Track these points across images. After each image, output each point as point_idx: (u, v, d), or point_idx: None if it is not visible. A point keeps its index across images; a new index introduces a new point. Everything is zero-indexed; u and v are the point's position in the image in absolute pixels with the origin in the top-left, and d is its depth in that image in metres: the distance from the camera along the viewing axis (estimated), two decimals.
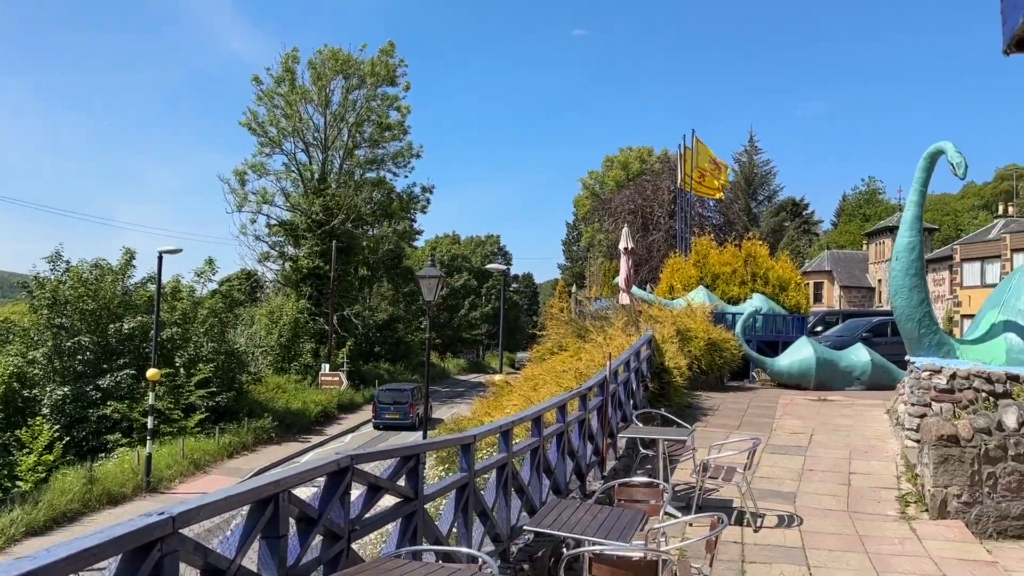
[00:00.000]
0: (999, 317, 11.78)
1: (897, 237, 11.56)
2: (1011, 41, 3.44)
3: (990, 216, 62.47)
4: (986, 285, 39.50)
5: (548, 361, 14.90)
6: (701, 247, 23.12)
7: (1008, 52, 3.65)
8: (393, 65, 50.06)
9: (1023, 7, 3.06)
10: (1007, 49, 3.60)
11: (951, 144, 10.80)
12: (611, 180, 75.66)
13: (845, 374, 18.01)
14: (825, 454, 10.80)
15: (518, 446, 6.51)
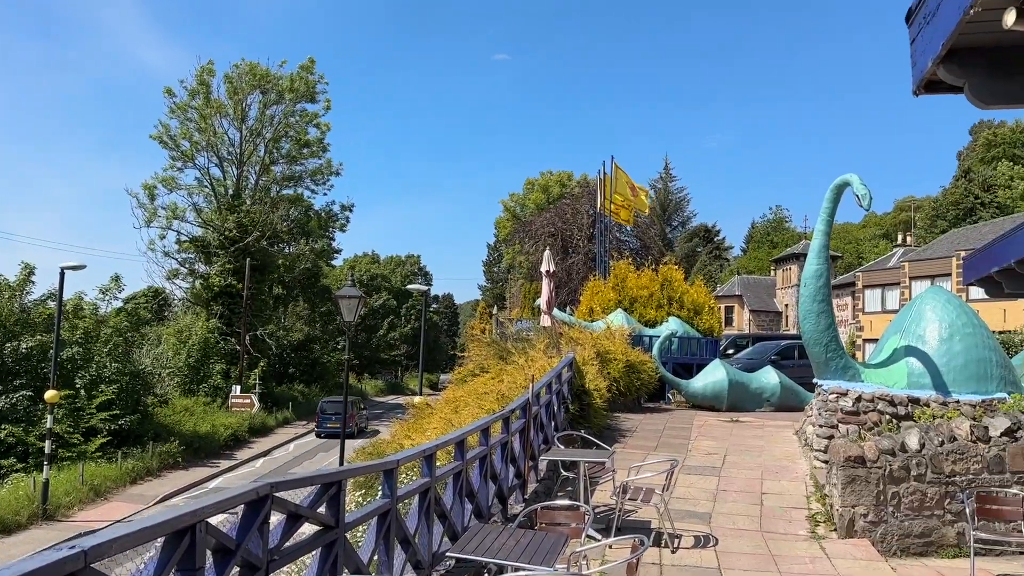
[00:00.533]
0: (901, 342, 12.39)
1: (805, 265, 12.05)
2: (920, 83, 3.68)
3: (890, 245, 65.89)
4: (886, 311, 41.54)
5: (470, 383, 14.85)
6: (620, 271, 23.55)
7: (917, 93, 3.89)
8: (313, 82, 49.44)
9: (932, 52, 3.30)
10: (916, 90, 3.86)
11: (856, 176, 11.35)
12: (532, 203, 76.45)
13: (756, 396, 18.57)
14: (738, 474, 11.09)
15: (441, 470, 6.44)
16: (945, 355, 11.96)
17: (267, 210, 47.46)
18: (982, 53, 3.31)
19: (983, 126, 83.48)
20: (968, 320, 12.36)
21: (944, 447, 8.81)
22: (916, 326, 12.46)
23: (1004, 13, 2.69)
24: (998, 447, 8.85)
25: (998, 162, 73.59)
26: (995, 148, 76.07)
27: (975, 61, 3.39)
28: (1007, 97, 3.42)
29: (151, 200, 46.65)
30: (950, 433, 8.93)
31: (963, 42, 3.18)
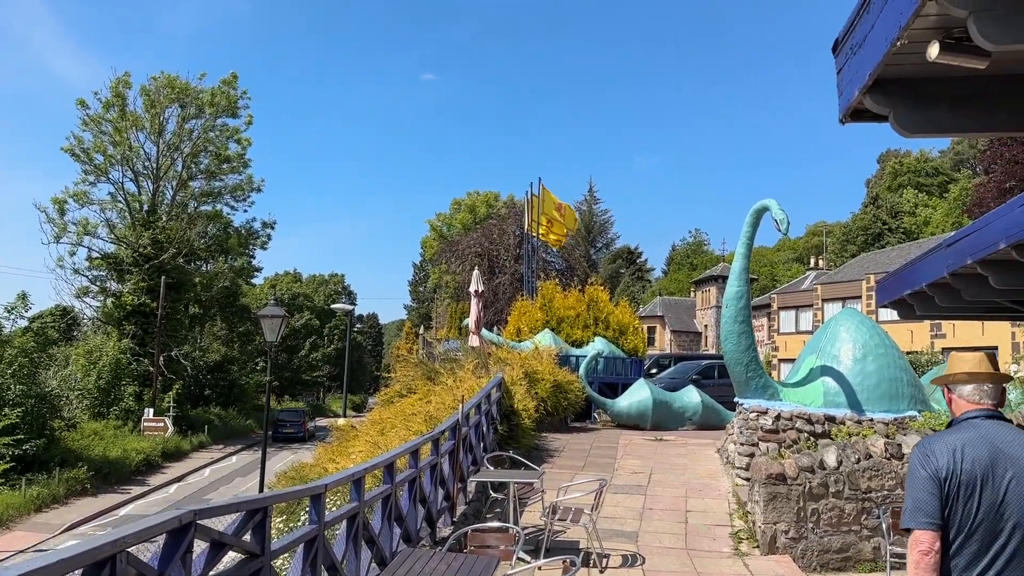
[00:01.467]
0: (817, 362, 12.83)
1: (727, 286, 12.39)
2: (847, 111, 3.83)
3: (803, 268, 68.45)
4: (800, 331, 43.11)
5: (397, 404, 14.64)
6: (547, 291, 23.72)
7: (844, 121, 4.05)
8: (235, 96, 48.38)
9: (859, 81, 3.45)
10: (843, 118, 4.01)
11: (775, 202, 11.76)
12: (458, 223, 76.47)
13: (678, 414, 18.91)
14: (664, 493, 11.23)
15: (370, 494, 6.29)
16: (859, 375, 12.45)
17: (184, 226, 45.98)
18: (907, 84, 3.46)
19: (890, 155, 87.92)
20: (880, 341, 12.92)
21: (860, 464, 9.12)
22: (831, 347, 12.94)
23: (928, 46, 2.84)
24: None
25: (904, 190, 77.54)
26: (901, 176, 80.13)
27: (900, 91, 3.54)
28: (929, 126, 3.59)
29: (61, 215, 44.64)
30: (866, 451, 9.26)
31: (889, 73, 3.33)
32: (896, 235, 68.04)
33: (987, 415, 3.17)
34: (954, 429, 3.22)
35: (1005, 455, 3.03)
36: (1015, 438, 3.09)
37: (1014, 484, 2.99)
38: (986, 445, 3.05)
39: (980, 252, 6.36)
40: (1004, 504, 2.99)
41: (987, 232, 6.30)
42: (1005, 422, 3.19)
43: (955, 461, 3.04)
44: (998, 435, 3.09)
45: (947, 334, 34.69)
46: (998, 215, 6.16)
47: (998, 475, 3.01)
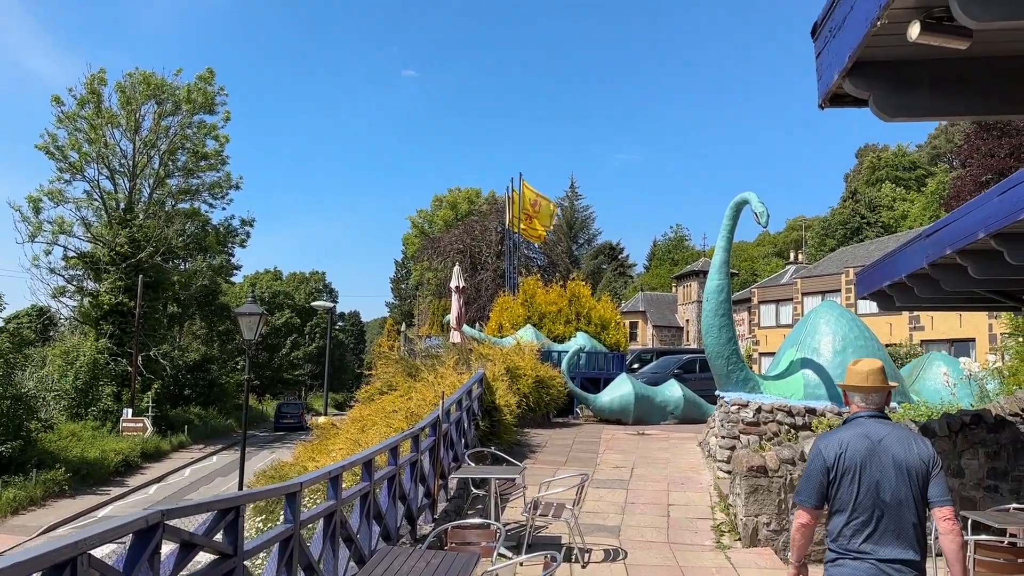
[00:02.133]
0: (797, 355, 12.86)
1: (707, 280, 12.38)
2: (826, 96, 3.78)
3: (783, 262, 68.92)
4: (780, 325, 43.33)
5: (377, 401, 14.50)
6: (529, 287, 23.65)
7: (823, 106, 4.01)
8: (212, 92, 47.89)
9: (838, 64, 3.39)
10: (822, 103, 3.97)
11: (754, 195, 11.75)
12: (440, 220, 76.38)
13: (660, 409, 18.93)
14: (646, 487, 11.20)
15: (348, 492, 6.19)
16: (839, 367, 12.46)
17: (161, 225, 45.46)
18: (887, 66, 3.41)
19: (868, 150, 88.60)
20: (860, 333, 12.96)
21: None
22: (811, 339, 12.97)
23: (909, 26, 2.79)
24: None
25: (882, 184, 78.17)
26: (879, 171, 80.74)
27: (880, 74, 3.48)
28: (909, 110, 3.54)
29: (36, 214, 44.04)
30: None
31: (868, 55, 3.27)
32: (875, 229, 68.60)
33: (870, 415, 3.99)
34: (846, 426, 4.05)
35: (881, 447, 3.82)
36: (890, 432, 3.88)
37: (886, 469, 3.77)
38: (866, 439, 3.85)
39: (959, 242, 6.36)
40: (880, 485, 3.76)
41: (966, 222, 6.29)
42: (884, 420, 3.98)
43: (841, 452, 3.84)
44: (877, 431, 3.89)
45: (926, 327, 35.01)
46: (976, 204, 6.15)
47: (875, 462, 3.80)
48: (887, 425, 3.95)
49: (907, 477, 3.77)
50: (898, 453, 3.79)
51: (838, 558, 3.83)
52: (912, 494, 3.77)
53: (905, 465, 3.77)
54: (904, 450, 3.81)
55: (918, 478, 3.78)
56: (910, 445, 3.84)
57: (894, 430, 3.91)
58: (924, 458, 3.82)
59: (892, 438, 3.85)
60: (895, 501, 3.75)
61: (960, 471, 9.41)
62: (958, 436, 9.48)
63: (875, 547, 3.74)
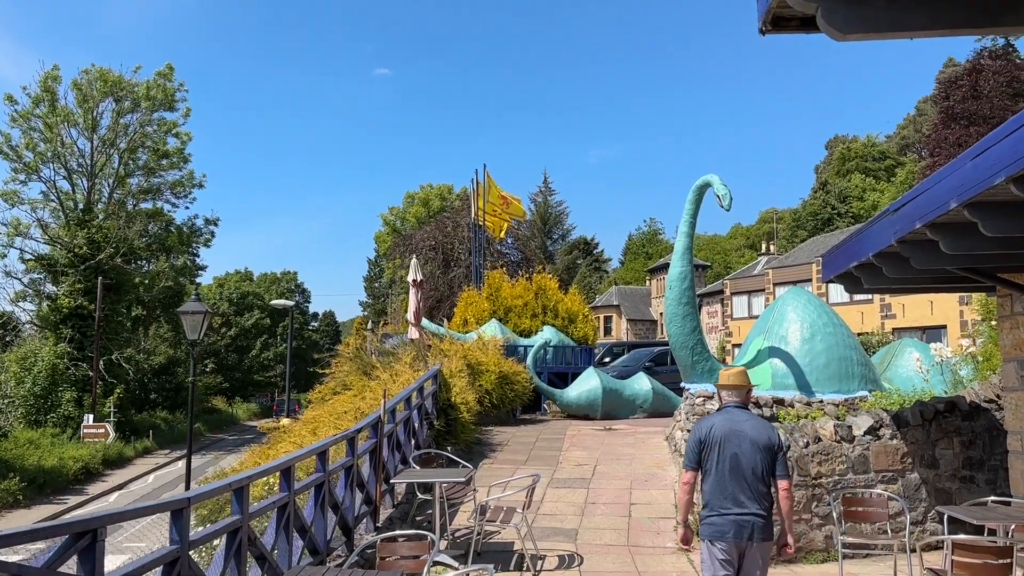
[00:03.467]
0: (764, 343, 12.35)
1: (670, 267, 11.83)
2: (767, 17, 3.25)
3: (755, 254, 68.92)
4: (752, 316, 43.13)
5: (330, 402, 13.83)
6: (494, 280, 22.99)
7: (764, 30, 3.47)
8: (172, 89, 46.68)
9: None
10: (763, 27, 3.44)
11: (717, 177, 11.21)
12: (412, 217, 75.65)
13: (629, 403, 18.40)
14: (608, 485, 10.63)
15: (262, 504, 5.53)
16: (807, 355, 11.99)
17: (122, 225, 44.21)
18: None
19: (837, 141, 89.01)
20: (829, 320, 12.48)
21: (809, 448, 8.61)
22: (779, 327, 12.46)
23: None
24: (862, 446, 8.73)
25: (852, 175, 78.55)
26: (849, 162, 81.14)
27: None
28: (864, 24, 2.97)
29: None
30: (815, 434, 8.75)
31: None
32: (845, 219, 68.85)
33: (736, 406, 5.28)
34: (718, 412, 5.36)
35: (741, 429, 5.09)
36: (747, 419, 5.17)
37: (743, 445, 5.02)
38: (730, 422, 5.14)
39: (929, 214, 5.82)
40: (737, 457, 5.01)
41: (936, 191, 5.75)
42: (745, 410, 5.29)
43: (711, 430, 5.15)
44: (739, 417, 5.19)
45: (897, 314, 34.87)
46: (947, 172, 5.61)
47: (734, 440, 5.05)
48: (747, 414, 5.27)
49: (759, 453, 5.01)
50: (753, 435, 5.07)
51: (708, 516, 5.11)
52: (762, 466, 5.01)
53: (759, 444, 5.04)
54: (758, 434, 5.09)
55: (767, 456, 5.03)
56: (763, 431, 5.14)
57: (752, 419, 5.22)
58: (773, 442, 5.11)
59: (749, 424, 5.14)
60: (748, 470, 5.00)
61: (934, 462, 8.94)
62: (932, 425, 9.01)
63: (732, 505, 4.98)
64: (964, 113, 49.84)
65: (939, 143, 50.97)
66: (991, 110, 49.06)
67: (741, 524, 4.92)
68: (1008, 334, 7.38)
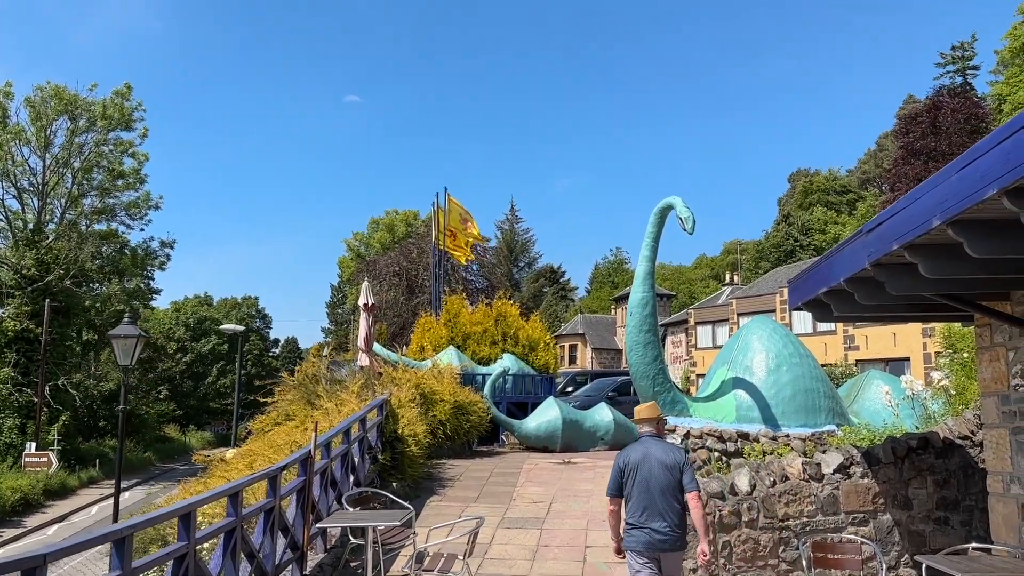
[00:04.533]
0: (728, 374, 11.83)
1: (631, 293, 11.28)
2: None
3: (719, 285, 69.11)
4: (716, 346, 42.86)
5: (269, 433, 12.96)
6: (452, 306, 22.26)
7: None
8: (129, 108, 45.55)
9: None
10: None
11: (679, 199, 10.73)
12: (377, 242, 74.93)
13: (590, 434, 17.74)
14: (563, 525, 9.92)
15: (149, 558, 4.75)
16: (773, 386, 11.49)
17: (73, 246, 42.74)
18: None
19: (800, 174, 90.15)
20: (795, 350, 12.01)
21: (776, 488, 8.02)
22: (743, 357, 11.96)
23: None
24: (831, 485, 8.17)
25: (814, 208, 79.52)
26: (811, 195, 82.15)
27: None
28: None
29: None
30: (782, 472, 8.17)
31: None
32: (807, 252, 69.51)
33: (649, 436, 6.10)
34: (636, 442, 6.16)
35: (651, 454, 5.87)
36: (657, 446, 5.96)
37: (654, 468, 5.78)
38: (643, 450, 5.93)
39: (908, 233, 5.28)
40: (649, 480, 5.77)
41: (916, 208, 5.22)
42: (657, 439, 6.12)
43: (628, 458, 5.97)
44: (650, 445, 5.98)
45: (860, 346, 34.78)
46: (929, 187, 5.08)
47: (645, 465, 5.82)
48: (657, 441, 6.08)
49: (666, 473, 5.75)
50: (660, 458, 5.83)
51: (630, 529, 5.83)
52: (671, 484, 5.74)
53: (665, 465, 5.79)
54: (665, 456, 5.86)
55: (674, 474, 5.75)
56: (670, 453, 5.91)
57: (660, 444, 6.03)
58: (678, 460, 5.86)
59: (658, 448, 5.93)
60: (657, 489, 5.74)
61: (907, 502, 8.39)
62: (904, 463, 8.48)
63: (649, 520, 5.70)
64: (924, 149, 50.65)
65: (899, 178, 51.70)
66: (949, 147, 49.93)
67: (652, 537, 5.73)
68: (987, 367, 6.89)
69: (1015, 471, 6.52)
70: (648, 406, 6.32)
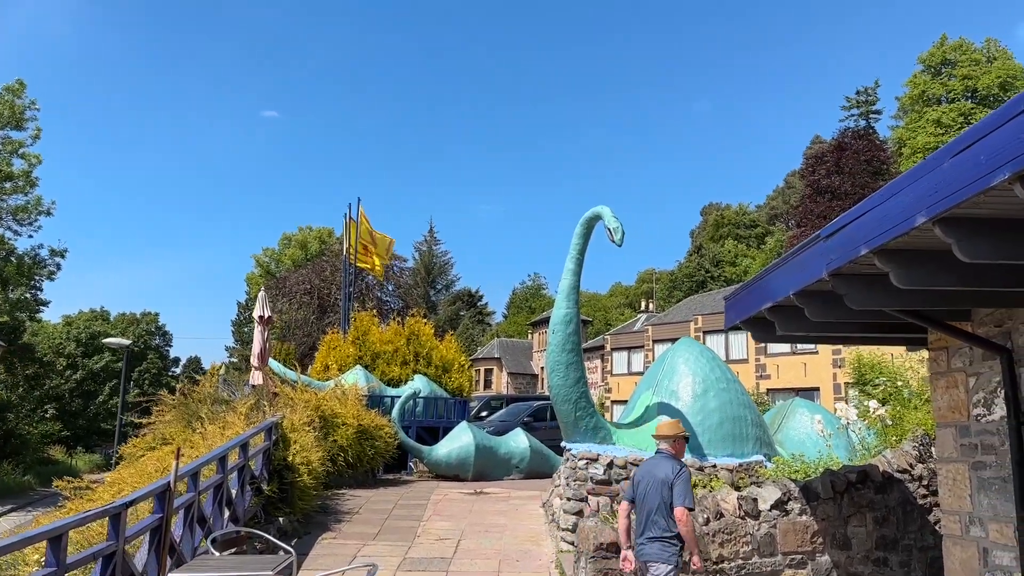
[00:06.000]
0: (653, 399, 11.04)
1: (554, 309, 10.38)
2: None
3: (634, 312, 69.55)
4: (632, 372, 42.64)
5: (142, 459, 11.45)
6: (361, 323, 20.95)
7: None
8: (21, 106, 42.45)
9: None
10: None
11: (608, 209, 9.93)
12: (288, 259, 72.52)
13: (504, 462, 16.74)
14: (472, 567, 8.84)
15: None
16: (700, 412, 10.75)
17: None
18: None
19: (712, 208, 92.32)
20: (722, 374, 11.33)
21: (710, 526, 7.18)
22: (669, 380, 11.20)
23: None
24: (768, 523, 7.39)
25: (725, 240, 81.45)
26: (722, 227, 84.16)
27: None
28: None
29: None
30: (716, 508, 7.34)
31: None
32: (718, 283, 70.89)
33: (660, 453, 6.44)
34: (651, 458, 6.65)
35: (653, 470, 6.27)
36: (660, 461, 6.31)
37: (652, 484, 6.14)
38: (649, 466, 6.41)
39: (883, 235, 4.49)
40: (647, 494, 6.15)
41: (893, 206, 4.43)
42: (665, 455, 6.37)
43: (636, 473, 6.51)
44: (656, 461, 6.37)
45: (771, 375, 35.01)
46: (911, 179, 4.31)
47: (646, 479, 6.25)
48: (663, 457, 6.33)
49: (659, 489, 6.03)
50: (657, 474, 6.14)
51: (637, 539, 6.14)
52: (661, 501, 6.02)
53: (658, 480, 6.08)
54: (661, 471, 6.13)
55: (666, 488, 6.02)
56: (664, 468, 6.15)
57: (663, 460, 6.28)
58: (668, 476, 6.06)
59: (659, 465, 6.24)
60: (651, 504, 6.06)
61: (847, 542, 7.70)
62: (843, 498, 7.80)
63: (642, 532, 6.08)
64: (829, 187, 52.32)
65: (805, 215, 53.20)
66: (852, 186, 51.76)
67: (640, 549, 6.06)
68: (943, 394, 6.24)
69: (975, 511, 5.86)
70: (671, 423, 6.59)
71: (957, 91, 59.61)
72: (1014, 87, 58.61)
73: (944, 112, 58.55)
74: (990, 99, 58.98)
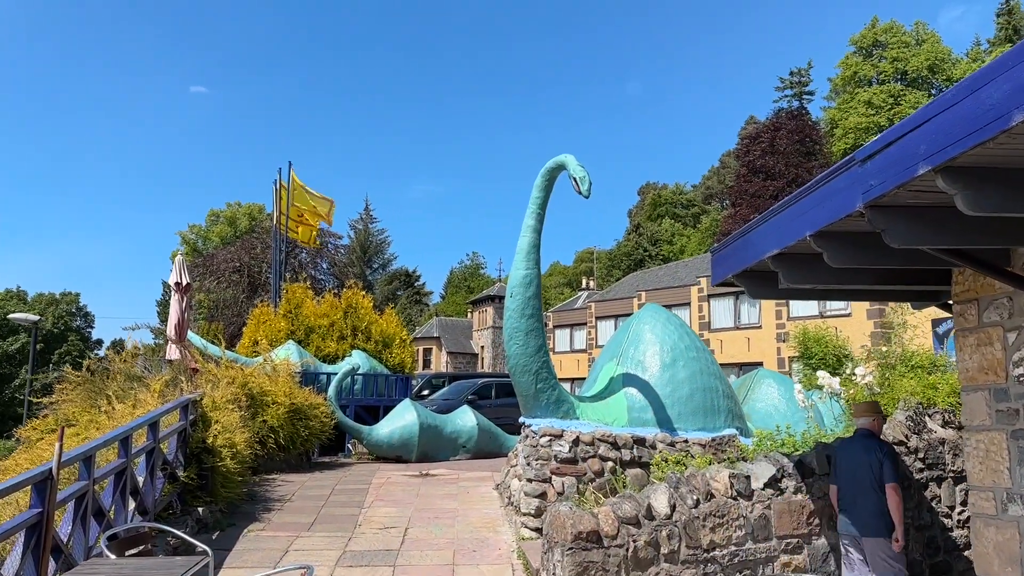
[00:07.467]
0: (618, 370, 10.14)
1: (512, 270, 9.33)
2: None
3: (573, 291, 69.15)
4: (575, 350, 42.06)
5: (39, 443, 10.02)
6: (294, 295, 19.54)
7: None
8: None
9: None
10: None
11: (572, 157, 8.91)
12: (216, 236, 69.83)
13: (451, 441, 15.69)
14: (422, 559, 7.78)
15: None
16: (668, 384, 9.89)
17: None
18: None
19: (649, 188, 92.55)
20: (691, 343, 10.50)
21: (700, 508, 6.28)
22: (635, 350, 10.31)
23: None
24: (762, 504, 6.54)
25: (662, 220, 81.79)
26: (659, 207, 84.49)
27: None
28: None
29: None
30: (706, 488, 6.45)
31: None
32: (656, 261, 71.13)
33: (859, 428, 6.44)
34: (847, 438, 6.68)
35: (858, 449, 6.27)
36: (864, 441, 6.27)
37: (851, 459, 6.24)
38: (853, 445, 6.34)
39: (962, 142, 3.63)
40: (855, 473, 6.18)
41: (979, 102, 3.57)
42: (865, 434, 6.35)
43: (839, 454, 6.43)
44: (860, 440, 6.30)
45: (715, 349, 34.75)
46: (1012, 62, 3.46)
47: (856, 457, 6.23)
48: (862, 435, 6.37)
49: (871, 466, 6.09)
50: (864, 452, 6.18)
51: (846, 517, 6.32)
52: (874, 476, 6.05)
53: (866, 459, 6.12)
54: (867, 450, 6.18)
55: (876, 466, 6.08)
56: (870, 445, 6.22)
57: (864, 439, 6.32)
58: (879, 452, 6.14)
59: (862, 443, 6.28)
60: (866, 482, 6.07)
61: None
62: None
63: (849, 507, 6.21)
64: (763, 167, 52.58)
65: (740, 194, 53.43)
66: (786, 167, 52.21)
67: (850, 523, 6.09)
68: (973, 353, 5.43)
69: (1014, 486, 5.09)
70: (864, 405, 6.58)
71: (888, 72, 60.56)
72: (941, 69, 59.84)
73: (875, 93, 59.45)
74: (919, 81, 60.13)
